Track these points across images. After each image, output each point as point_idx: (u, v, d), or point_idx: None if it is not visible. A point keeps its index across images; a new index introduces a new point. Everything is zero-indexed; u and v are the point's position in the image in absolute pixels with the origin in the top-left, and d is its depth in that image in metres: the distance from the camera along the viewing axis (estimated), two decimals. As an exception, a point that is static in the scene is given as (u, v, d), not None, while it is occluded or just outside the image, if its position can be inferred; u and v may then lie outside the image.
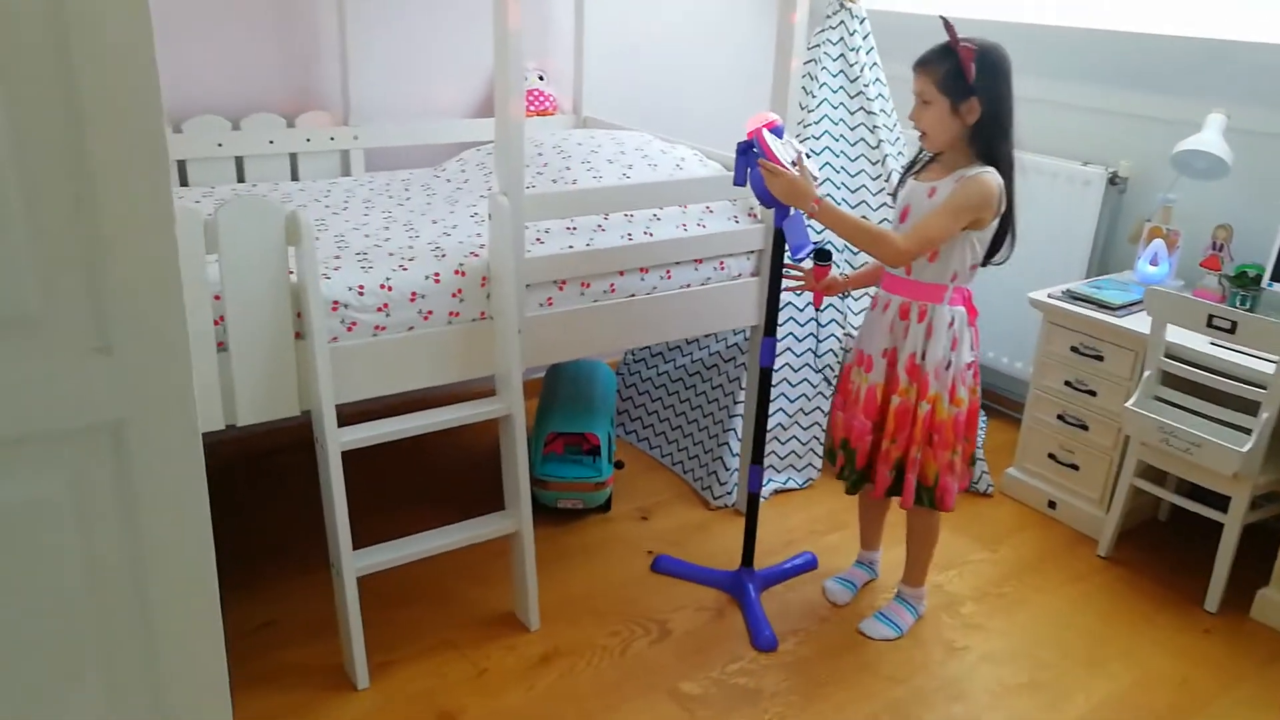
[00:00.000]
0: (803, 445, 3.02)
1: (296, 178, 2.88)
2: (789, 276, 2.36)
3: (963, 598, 2.57)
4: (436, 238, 2.32)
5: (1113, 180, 3.12)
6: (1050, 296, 2.88)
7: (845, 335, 3.00)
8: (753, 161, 2.14)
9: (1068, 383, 2.86)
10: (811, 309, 2.96)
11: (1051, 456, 2.95)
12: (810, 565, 2.64)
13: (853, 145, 3.02)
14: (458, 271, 2.17)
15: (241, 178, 2.79)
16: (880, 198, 3.01)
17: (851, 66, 3.01)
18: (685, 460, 3.07)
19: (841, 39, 3.01)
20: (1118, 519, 2.75)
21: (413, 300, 2.11)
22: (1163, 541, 2.87)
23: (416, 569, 2.23)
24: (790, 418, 2.98)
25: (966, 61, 2.01)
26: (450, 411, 2.19)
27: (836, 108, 3.01)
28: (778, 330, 2.43)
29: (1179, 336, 2.57)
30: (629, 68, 3.50)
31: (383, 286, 2.08)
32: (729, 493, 2.90)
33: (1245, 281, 2.70)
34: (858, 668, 2.30)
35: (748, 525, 2.49)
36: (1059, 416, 2.91)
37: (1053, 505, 2.97)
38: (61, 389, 1.00)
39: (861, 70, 3.01)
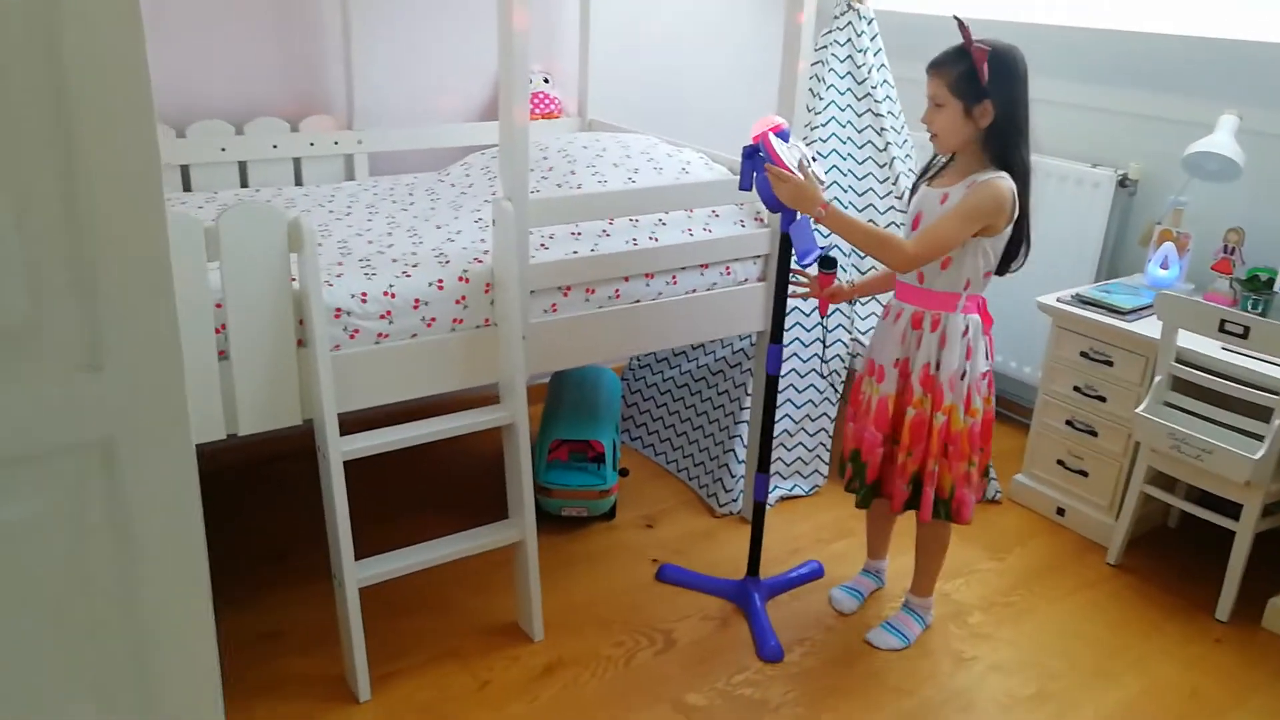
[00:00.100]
0: (809, 452, 3.00)
1: (300, 182, 2.87)
2: (794, 282, 2.33)
3: (970, 607, 2.55)
4: (440, 243, 2.30)
5: (1122, 182, 3.09)
6: (1059, 301, 2.85)
7: (852, 340, 2.98)
8: (759, 165, 2.12)
9: (1077, 388, 2.84)
10: (818, 314, 2.94)
11: (1060, 463, 2.92)
12: (816, 574, 2.62)
13: (860, 148, 2.99)
14: (461, 278, 2.15)
15: (245, 182, 2.78)
16: (888, 201, 2.98)
17: (859, 68, 2.98)
18: (690, 467, 3.05)
19: (849, 40, 2.98)
20: (1127, 526, 2.72)
21: (416, 307, 2.09)
22: (1172, 549, 2.84)
23: (419, 578, 2.21)
24: (796, 424, 2.96)
25: (980, 63, 1.98)
26: (453, 420, 2.17)
27: (844, 110, 2.99)
28: (784, 336, 2.41)
29: (1190, 341, 2.54)
30: (634, 70, 3.48)
31: (386, 294, 2.06)
32: (734, 500, 2.88)
33: (1257, 285, 2.67)
34: (865, 679, 2.27)
35: (753, 534, 2.46)
36: (1068, 422, 2.88)
37: (1061, 512, 2.94)
38: (49, 406, 0.98)
39: (869, 72, 2.98)
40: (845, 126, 2.98)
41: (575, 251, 2.32)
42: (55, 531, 1.03)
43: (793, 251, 2.19)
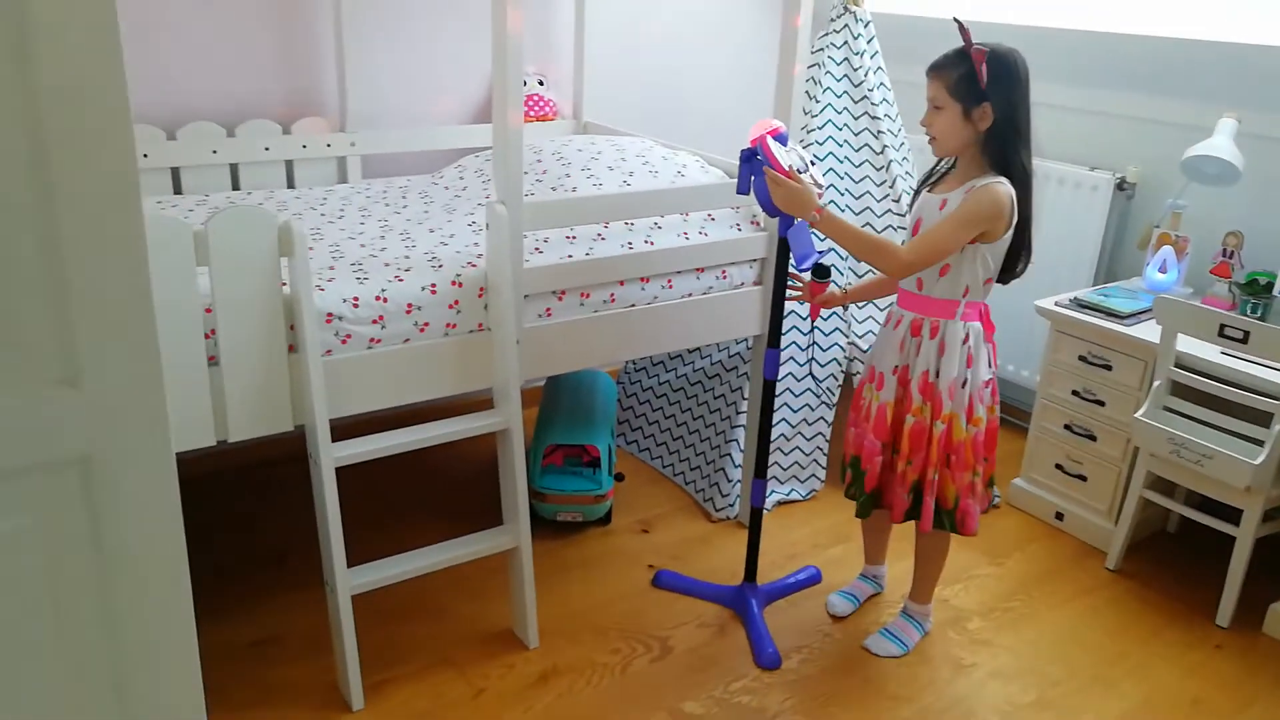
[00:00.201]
0: (805, 456, 2.98)
1: (293, 185, 2.84)
2: (789, 285, 2.31)
3: (970, 613, 2.53)
4: (433, 247, 2.28)
5: (1121, 186, 3.07)
6: (1058, 305, 2.83)
7: (849, 344, 2.96)
8: (756, 169, 2.09)
9: (1075, 392, 2.82)
10: (809, 318, 2.92)
11: (1059, 467, 2.91)
12: (814, 579, 2.60)
13: (857, 151, 2.97)
14: (455, 282, 2.13)
15: (237, 185, 2.75)
16: (884, 204, 2.96)
17: (856, 71, 2.96)
18: (686, 471, 3.03)
19: (845, 43, 2.96)
20: (1127, 531, 2.70)
21: (409, 312, 2.07)
22: (1172, 553, 2.82)
23: (413, 584, 2.18)
24: (793, 428, 2.94)
25: (978, 65, 1.96)
26: (447, 425, 2.15)
27: (840, 113, 2.97)
28: (781, 340, 2.39)
29: (1189, 346, 2.53)
30: (630, 72, 3.45)
31: (378, 298, 2.03)
32: (731, 505, 2.86)
33: (1256, 289, 2.65)
34: (863, 686, 2.25)
35: (750, 540, 2.44)
36: (1066, 426, 2.86)
37: (1060, 517, 2.92)
38: (23, 423, 0.95)
39: (866, 75, 2.96)
40: (842, 130, 2.96)
41: (570, 255, 2.30)
42: (31, 550, 1.00)
43: (790, 256, 2.17)
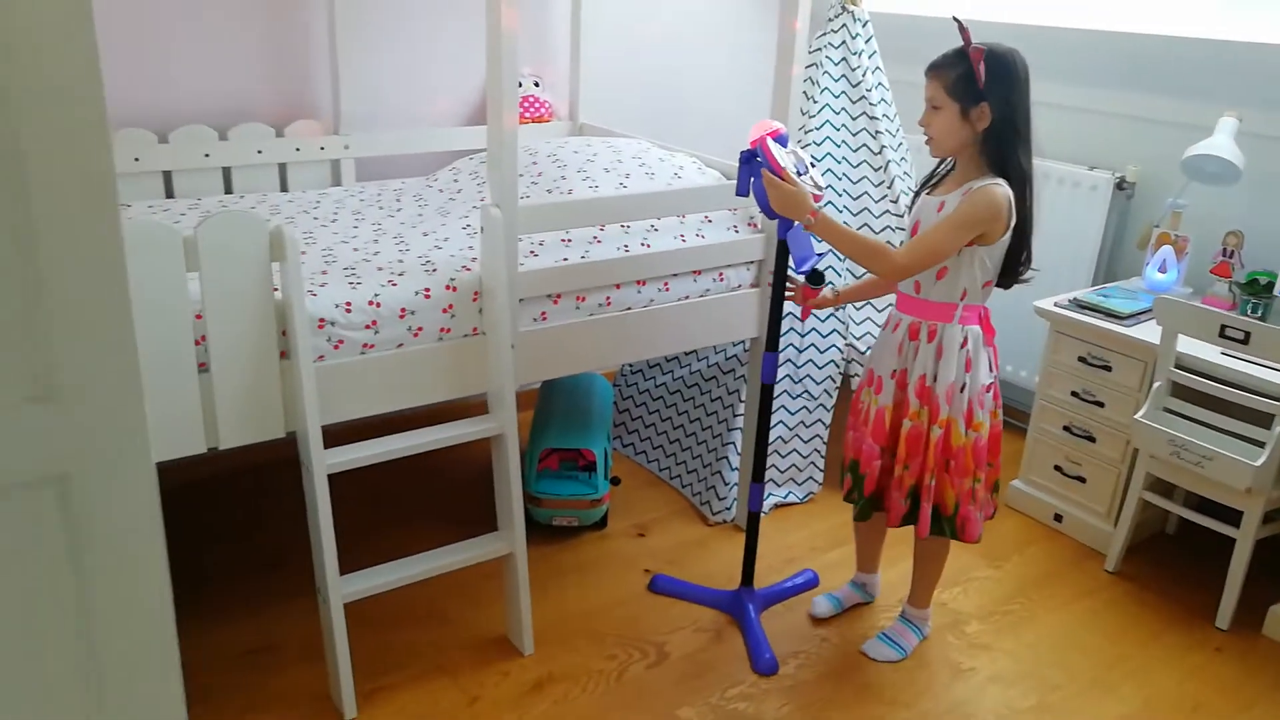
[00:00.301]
0: (803, 459, 2.96)
1: (286, 188, 2.82)
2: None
3: (968, 616, 2.51)
4: (427, 251, 2.26)
5: (1120, 185, 3.05)
6: (1057, 305, 2.81)
7: (847, 346, 2.94)
8: (756, 171, 2.08)
9: (1074, 393, 2.80)
10: (813, 319, 2.90)
11: (1058, 469, 2.89)
12: (812, 583, 2.58)
13: (855, 151, 2.95)
14: (449, 286, 2.11)
15: (229, 189, 2.73)
16: (883, 205, 2.94)
17: (854, 71, 2.94)
18: (683, 475, 3.01)
19: (843, 43, 2.94)
20: (1126, 533, 2.68)
21: (402, 316, 2.05)
22: (1171, 555, 2.81)
23: (407, 590, 2.15)
24: (790, 430, 2.92)
25: (976, 63, 1.94)
26: (441, 431, 2.13)
27: (838, 113, 2.95)
28: (779, 343, 2.37)
29: (1189, 347, 2.51)
30: (626, 73, 3.43)
31: (371, 303, 2.01)
32: (728, 508, 2.84)
33: (1257, 289, 2.63)
34: (861, 691, 2.24)
35: (747, 544, 2.42)
36: (1065, 428, 2.85)
37: (1059, 518, 2.90)
38: (-3, 441, 0.93)
39: (864, 75, 2.94)
40: (840, 130, 2.94)
41: (565, 258, 2.28)
42: (8, 571, 0.98)
43: (790, 258, 2.15)
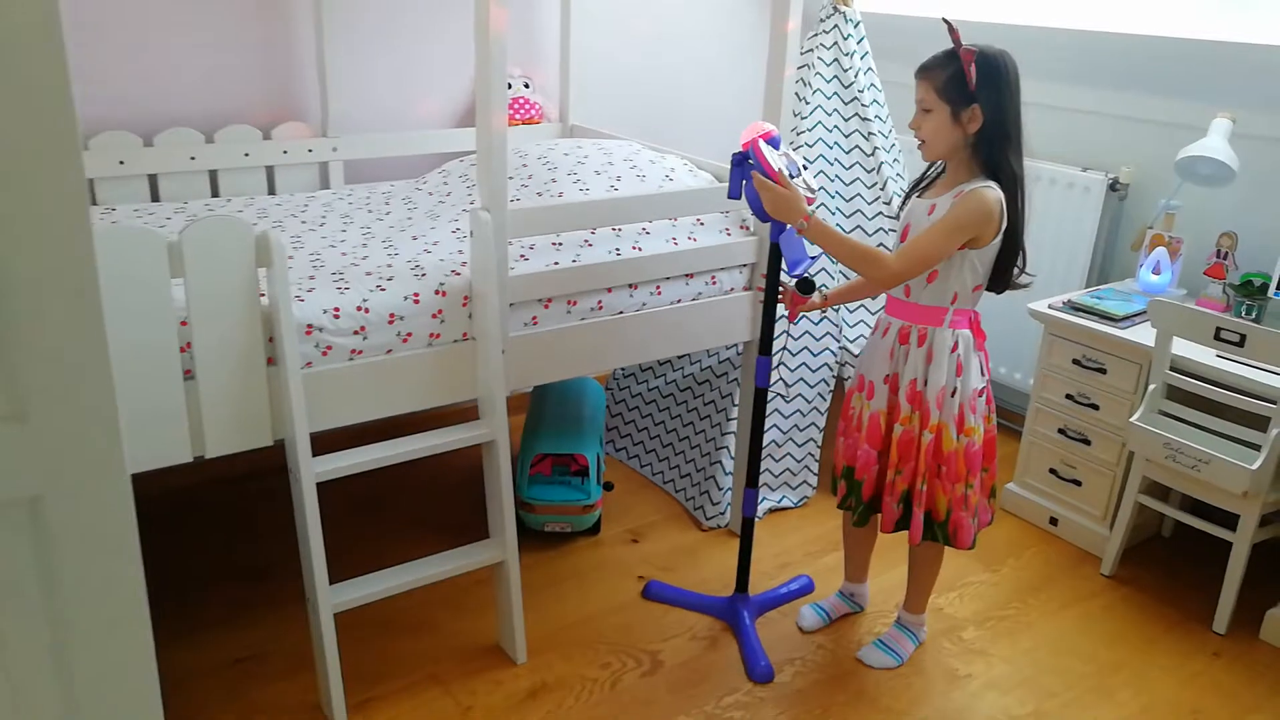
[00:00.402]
0: (797, 463, 2.94)
1: (273, 191, 2.78)
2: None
3: (964, 622, 2.49)
4: (416, 255, 2.23)
5: (1113, 186, 3.04)
6: (1051, 307, 2.80)
7: (840, 349, 2.92)
8: (747, 173, 2.06)
9: (1069, 396, 2.79)
10: (806, 322, 2.88)
11: (1053, 472, 2.87)
12: (807, 589, 2.56)
13: (847, 153, 2.94)
14: (438, 291, 2.08)
15: (216, 192, 2.69)
16: (875, 207, 2.92)
17: (845, 72, 2.92)
18: (676, 479, 2.98)
19: (835, 43, 2.92)
20: (1122, 537, 2.67)
21: (391, 322, 2.02)
22: (1167, 558, 2.79)
23: (398, 598, 2.13)
24: (785, 434, 2.90)
25: (966, 65, 1.93)
26: (431, 438, 2.10)
27: (830, 115, 2.93)
28: (772, 344, 2.34)
29: (1184, 349, 2.49)
30: (617, 74, 3.41)
31: (359, 308, 1.98)
32: (722, 513, 2.81)
33: (1251, 291, 2.62)
34: (857, 699, 2.21)
35: (742, 550, 2.40)
36: (1060, 431, 2.83)
37: (1054, 522, 2.89)
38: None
39: (856, 76, 2.92)
40: (832, 131, 2.93)
41: (556, 262, 2.25)
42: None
43: (783, 262, 2.13)
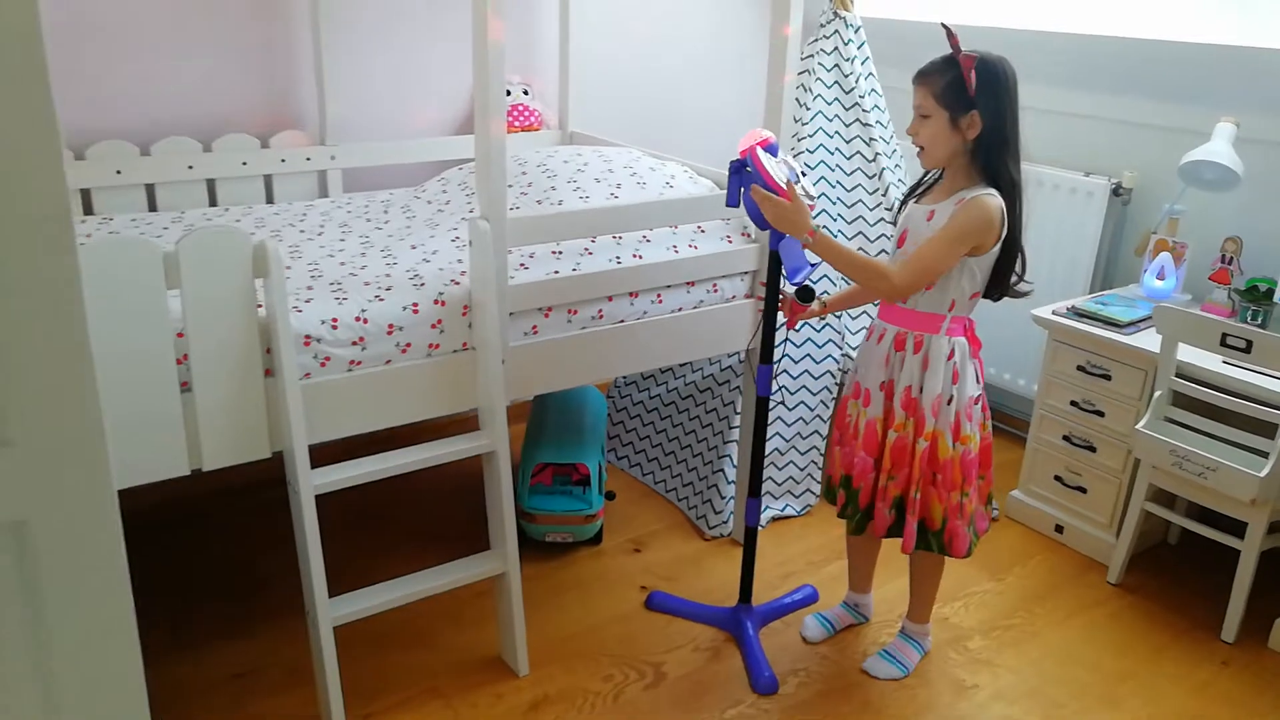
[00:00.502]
0: (800, 471, 2.91)
1: (272, 200, 2.77)
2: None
3: (970, 631, 2.47)
4: (415, 264, 2.21)
5: (1116, 191, 3.02)
6: (1055, 314, 2.78)
7: (843, 356, 2.90)
8: (746, 181, 2.04)
9: (1074, 403, 2.76)
10: (808, 329, 2.86)
11: (1058, 479, 2.85)
12: (811, 599, 2.53)
13: (848, 159, 2.92)
14: (438, 301, 2.06)
15: (214, 201, 2.68)
16: (878, 213, 2.90)
17: (846, 77, 2.91)
18: (679, 488, 2.96)
19: (836, 49, 2.91)
20: (1128, 544, 2.64)
21: (390, 332, 2.00)
22: (1174, 566, 2.77)
23: (398, 609, 2.10)
24: (787, 442, 2.88)
25: (967, 71, 1.91)
26: (430, 449, 2.08)
27: (831, 120, 2.91)
28: (774, 352, 2.32)
29: (1190, 355, 2.47)
30: (617, 81, 3.39)
31: (358, 319, 1.97)
32: (725, 522, 2.79)
33: (1256, 296, 2.60)
34: (862, 710, 2.19)
35: (745, 560, 2.37)
36: (1065, 438, 2.81)
37: (1060, 529, 2.86)
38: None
39: (857, 81, 2.91)
40: (833, 137, 2.91)
41: (556, 271, 2.23)
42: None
43: (783, 270, 2.11)
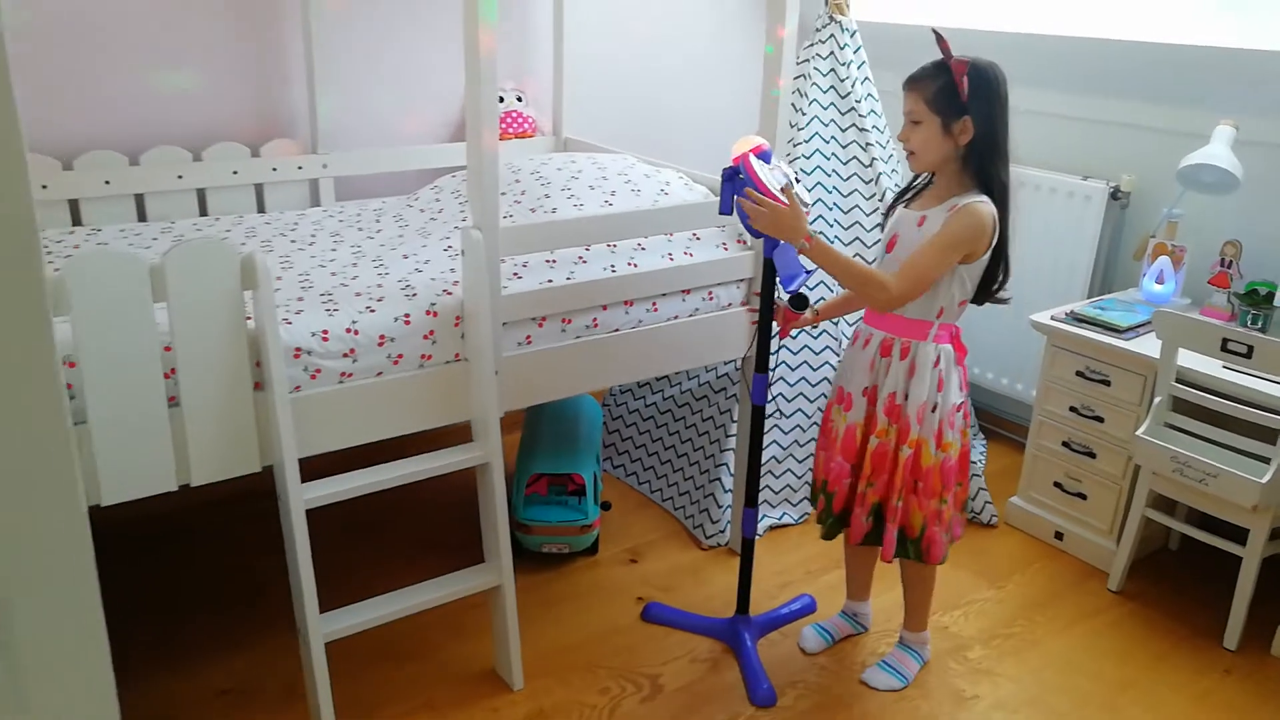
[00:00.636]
0: (798, 479, 2.89)
1: (263, 209, 2.74)
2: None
3: (970, 640, 2.44)
4: (407, 274, 2.19)
5: (1115, 195, 3.00)
6: (1053, 319, 2.75)
7: (840, 363, 2.88)
8: (739, 188, 2.01)
9: (1073, 408, 2.74)
10: (805, 336, 2.84)
11: (1058, 485, 2.83)
12: (809, 609, 2.51)
13: (845, 164, 2.90)
14: (429, 312, 2.04)
15: (204, 211, 2.65)
16: (874, 218, 2.88)
17: (843, 81, 2.89)
18: (675, 497, 2.94)
19: (832, 53, 2.89)
20: (1129, 551, 2.62)
21: (381, 344, 1.98)
22: (1175, 572, 2.75)
23: (391, 624, 2.08)
24: (784, 450, 2.86)
25: (959, 77, 1.90)
26: (423, 462, 2.05)
27: (827, 125, 2.89)
28: (770, 359, 2.30)
29: (1191, 360, 2.45)
30: (611, 86, 3.37)
31: (349, 330, 1.94)
32: (722, 531, 2.77)
33: (1256, 300, 2.58)
34: (862, 723, 2.17)
35: (742, 571, 2.35)
36: (1064, 443, 2.78)
37: (1060, 536, 2.84)
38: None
39: (853, 85, 2.88)
40: (829, 142, 2.89)
41: (550, 280, 2.21)
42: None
43: (777, 278, 2.09)
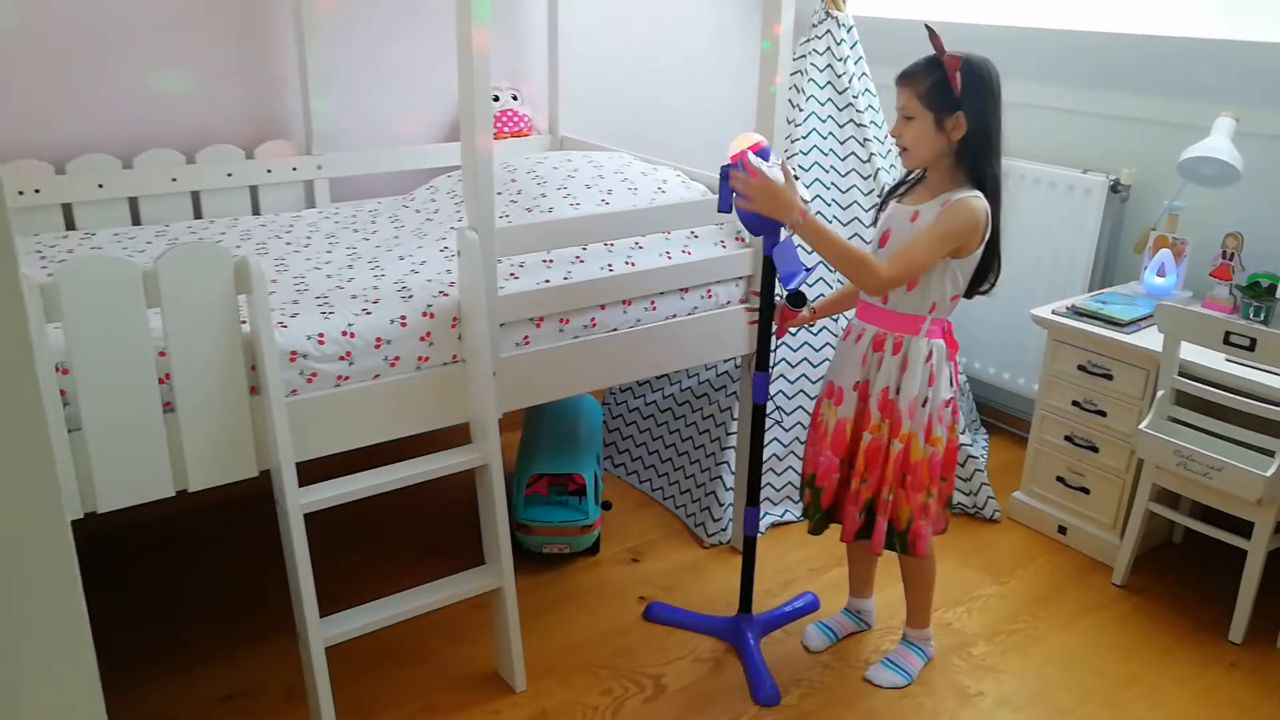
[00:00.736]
0: (799, 476, 2.86)
1: (258, 211, 2.73)
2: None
3: (974, 637, 2.43)
4: (403, 275, 2.18)
5: (1115, 188, 2.98)
6: (1054, 313, 2.74)
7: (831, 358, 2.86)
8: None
9: (1075, 402, 2.73)
10: (805, 333, 2.82)
11: (1060, 480, 2.81)
12: (812, 607, 2.50)
13: (843, 160, 2.88)
14: (426, 313, 2.02)
15: (199, 213, 2.64)
16: (873, 214, 2.87)
17: (840, 77, 2.87)
18: (676, 495, 2.92)
19: (828, 48, 2.87)
20: (1133, 545, 2.61)
21: (378, 346, 1.97)
22: (1179, 566, 2.73)
23: (392, 627, 2.07)
24: (785, 447, 2.84)
25: (952, 73, 1.88)
26: (421, 464, 2.04)
27: (825, 121, 2.87)
28: (771, 358, 2.28)
29: (1193, 353, 2.44)
30: (607, 84, 3.35)
31: (345, 333, 1.93)
32: (723, 529, 2.75)
33: (1258, 292, 2.56)
34: (866, 721, 2.16)
35: (744, 570, 2.34)
36: (1067, 438, 2.77)
37: (1063, 530, 2.83)
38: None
39: (850, 81, 2.87)
40: (827, 138, 2.87)
41: (547, 280, 2.20)
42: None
43: (776, 275, 2.07)
